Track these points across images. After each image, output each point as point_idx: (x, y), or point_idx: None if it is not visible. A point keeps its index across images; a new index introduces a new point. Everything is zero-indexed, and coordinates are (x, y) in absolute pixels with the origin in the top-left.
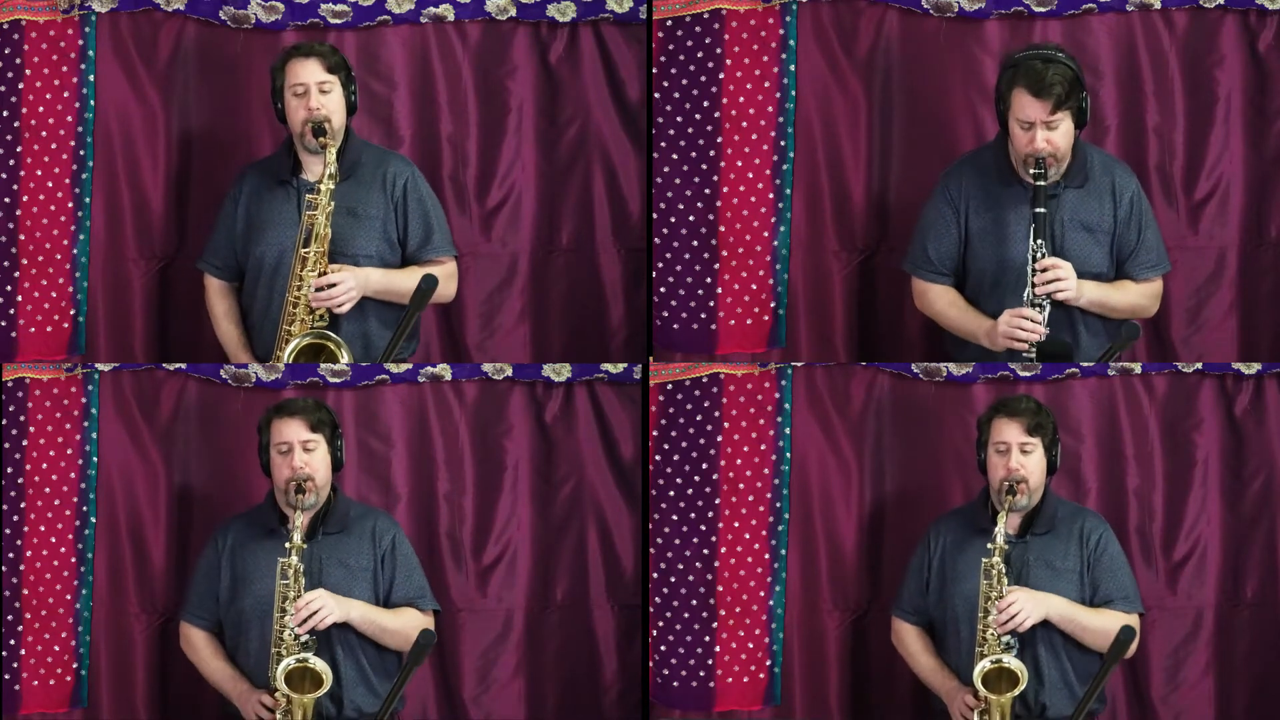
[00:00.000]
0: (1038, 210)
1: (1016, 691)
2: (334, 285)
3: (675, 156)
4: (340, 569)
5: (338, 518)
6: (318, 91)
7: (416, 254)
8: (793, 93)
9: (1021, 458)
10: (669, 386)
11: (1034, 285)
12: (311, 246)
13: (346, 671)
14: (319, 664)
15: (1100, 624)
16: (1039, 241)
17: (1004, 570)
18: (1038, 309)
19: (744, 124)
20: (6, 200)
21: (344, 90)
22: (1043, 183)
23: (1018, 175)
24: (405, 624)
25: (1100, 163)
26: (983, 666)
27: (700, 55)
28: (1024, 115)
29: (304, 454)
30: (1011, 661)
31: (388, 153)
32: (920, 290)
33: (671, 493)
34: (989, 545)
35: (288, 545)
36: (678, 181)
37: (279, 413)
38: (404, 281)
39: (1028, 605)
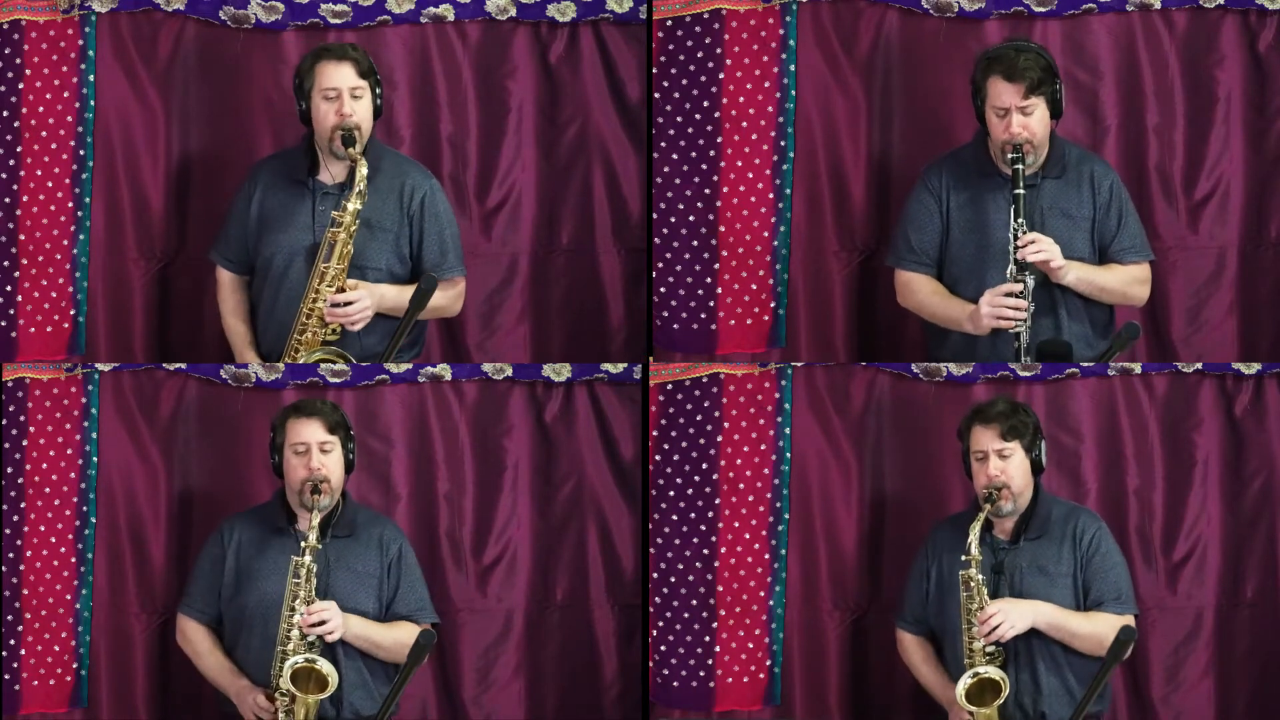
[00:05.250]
0: (1017, 191)
1: (1001, 700)
2: (350, 304)
3: (675, 156)
4: (347, 573)
5: (346, 522)
6: (350, 97)
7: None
8: (793, 93)
9: (1000, 463)
10: (669, 386)
11: (1016, 259)
12: (332, 263)
13: (348, 674)
14: (325, 665)
15: (1091, 629)
16: (1020, 220)
17: (982, 581)
18: (1020, 284)
19: (744, 124)
20: (6, 200)
21: (372, 96)
22: (1020, 166)
23: (996, 167)
24: (398, 639)
25: (1077, 156)
26: (964, 682)
27: (700, 55)
28: (999, 102)
29: (321, 455)
30: (991, 671)
31: (408, 162)
32: (903, 282)
33: (671, 493)
34: (964, 557)
35: (303, 545)
36: (678, 181)
37: (296, 413)
38: None
39: (1010, 615)
